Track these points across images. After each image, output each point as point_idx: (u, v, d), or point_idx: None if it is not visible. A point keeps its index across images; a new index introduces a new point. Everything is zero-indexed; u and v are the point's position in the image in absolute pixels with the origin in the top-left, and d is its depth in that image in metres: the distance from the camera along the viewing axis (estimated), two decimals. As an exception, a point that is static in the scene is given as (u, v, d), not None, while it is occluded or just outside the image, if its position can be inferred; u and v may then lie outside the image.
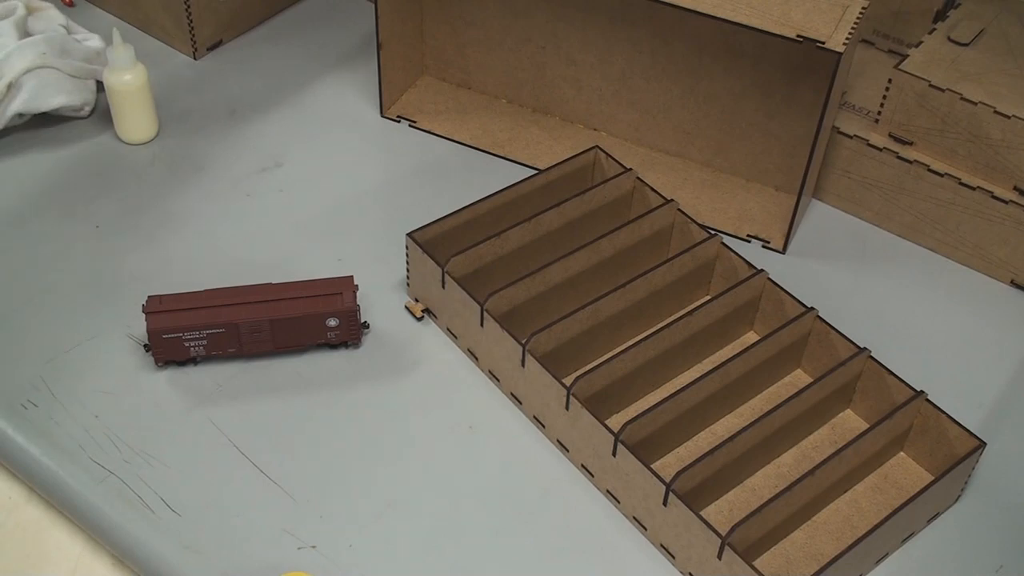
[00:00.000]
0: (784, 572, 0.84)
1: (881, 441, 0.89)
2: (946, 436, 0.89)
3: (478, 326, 0.94)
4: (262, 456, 0.89)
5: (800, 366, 0.98)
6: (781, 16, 0.98)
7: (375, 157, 1.18)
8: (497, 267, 1.00)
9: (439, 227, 0.99)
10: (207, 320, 0.92)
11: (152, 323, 0.92)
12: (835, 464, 0.84)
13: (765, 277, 0.97)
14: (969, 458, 0.86)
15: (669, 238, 1.05)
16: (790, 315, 0.96)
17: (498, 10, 1.19)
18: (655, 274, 0.96)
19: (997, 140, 1.04)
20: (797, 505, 0.84)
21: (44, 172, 1.13)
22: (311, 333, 0.95)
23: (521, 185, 1.04)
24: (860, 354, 0.91)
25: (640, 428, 0.85)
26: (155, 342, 0.92)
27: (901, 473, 0.92)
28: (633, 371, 0.91)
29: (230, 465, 0.88)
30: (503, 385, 0.95)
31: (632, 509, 0.86)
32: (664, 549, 0.84)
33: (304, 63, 1.30)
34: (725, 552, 0.78)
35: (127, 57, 1.11)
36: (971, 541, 0.88)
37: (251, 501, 0.86)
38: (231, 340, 0.93)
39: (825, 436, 0.93)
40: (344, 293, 0.95)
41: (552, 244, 1.03)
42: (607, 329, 0.96)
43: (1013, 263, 1.08)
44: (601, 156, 1.09)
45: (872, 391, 0.93)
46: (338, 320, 0.94)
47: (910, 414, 0.90)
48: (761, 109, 1.12)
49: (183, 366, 0.95)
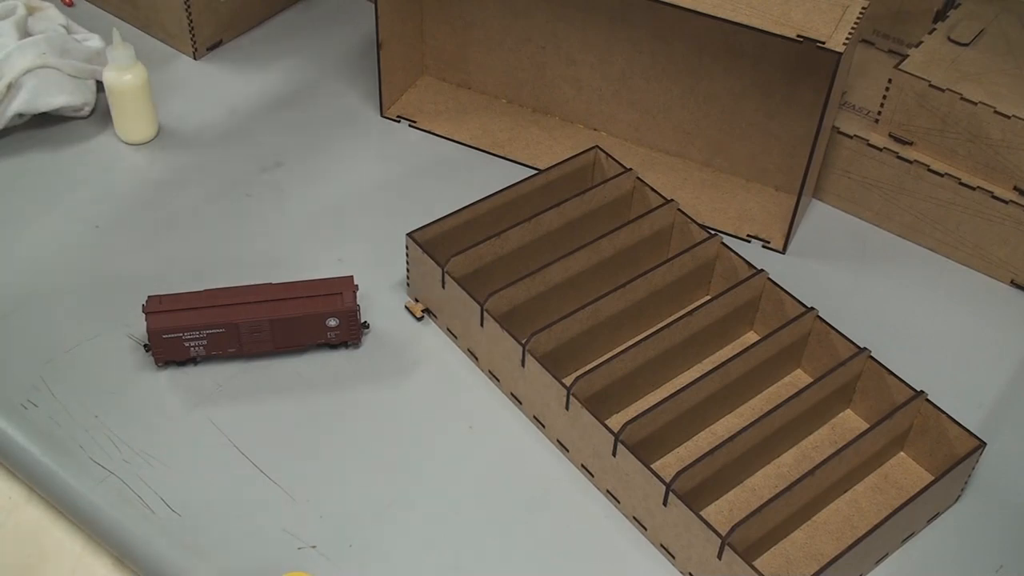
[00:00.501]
0: (784, 572, 0.84)
1: (881, 441, 0.89)
2: (946, 436, 0.89)
3: (478, 326, 0.94)
4: (262, 456, 0.89)
5: (800, 366, 0.98)
6: (781, 16, 0.98)
7: (375, 157, 1.18)
8: (497, 267, 1.00)
9: (439, 227, 0.99)
10: (207, 320, 0.92)
11: (152, 323, 0.92)
12: (835, 464, 0.84)
13: (765, 277, 0.97)
14: (969, 458, 0.86)
15: (669, 238, 1.05)
16: (790, 315, 0.96)
17: (498, 10, 1.19)
18: (655, 274, 0.96)
19: (997, 140, 1.04)
20: (797, 505, 0.84)
21: (44, 172, 1.13)
22: (311, 333, 0.95)
23: (521, 185, 1.04)
24: (860, 354, 0.91)
25: (640, 428, 0.85)
26: (155, 342, 0.92)
27: (901, 473, 0.92)
28: (633, 371, 0.91)
29: (230, 465, 0.88)
30: (503, 385, 0.95)
31: (632, 509, 0.86)
32: (664, 549, 0.84)
33: (304, 63, 1.30)
34: (725, 552, 0.78)
35: (127, 57, 1.11)
36: (971, 541, 0.88)
37: (251, 501, 0.86)
38: (231, 340, 0.93)
39: (825, 436, 0.93)
40: (344, 293, 0.95)
41: (552, 244, 1.03)
42: (607, 329, 0.96)
43: (1013, 263, 1.08)
44: (601, 156, 1.09)
45: (872, 391, 0.93)
46: (338, 320, 0.94)
47: (910, 414, 0.90)
48: (761, 109, 1.12)
49: (183, 366, 0.95)
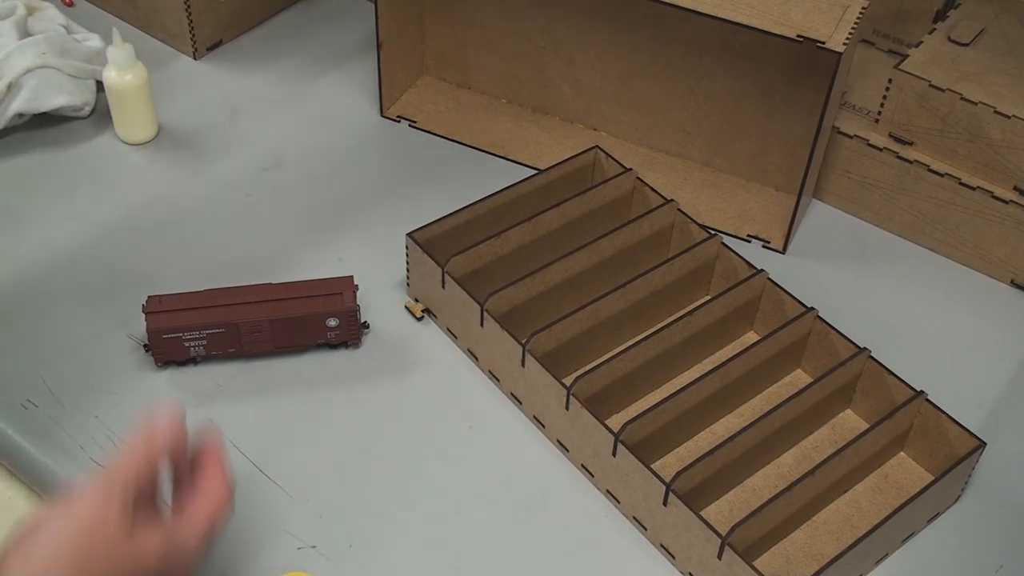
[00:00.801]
0: (784, 572, 0.84)
1: (881, 441, 0.89)
2: (946, 436, 0.89)
3: (478, 326, 0.94)
4: (262, 456, 0.89)
5: (800, 366, 0.98)
6: (781, 16, 0.98)
7: (375, 157, 1.18)
8: (497, 267, 0.99)
9: (439, 227, 0.99)
10: (207, 320, 0.92)
11: (152, 323, 0.92)
12: (835, 464, 0.84)
13: (765, 277, 0.97)
14: (969, 458, 0.86)
15: (669, 238, 1.05)
16: (790, 315, 0.96)
17: (498, 10, 1.19)
18: (655, 274, 0.96)
19: (997, 140, 1.04)
20: (797, 505, 0.84)
21: (44, 172, 1.13)
22: (311, 333, 0.95)
23: (521, 185, 1.04)
24: (860, 354, 0.91)
25: (640, 428, 0.85)
26: (155, 342, 0.92)
27: (901, 473, 0.92)
28: (633, 371, 0.91)
29: (230, 465, 0.88)
30: (503, 385, 0.95)
31: (632, 509, 0.86)
32: (664, 549, 0.84)
33: (304, 63, 1.30)
34: (725, 552, 0.78)
35: (127, 57, 1.11)
36: (971, 541, 0.88)
37: (251, 501, 0.86)
38: (231, 340, 0.93)
39: (825, 436, 0.93)
40: (344, 293, 0.95)
41: (552, 244, 1.03)
42: (607, 329, 0.96)
43: (1013, 263, 1.08)
44: (601, 156, 1.08)
45: (872, 391, 0.93)
46: (338, 320, 0.94)
47: (910, 414, 0.90)
48: (761, 109, 1.12)
49: (183, 366, 0.95)
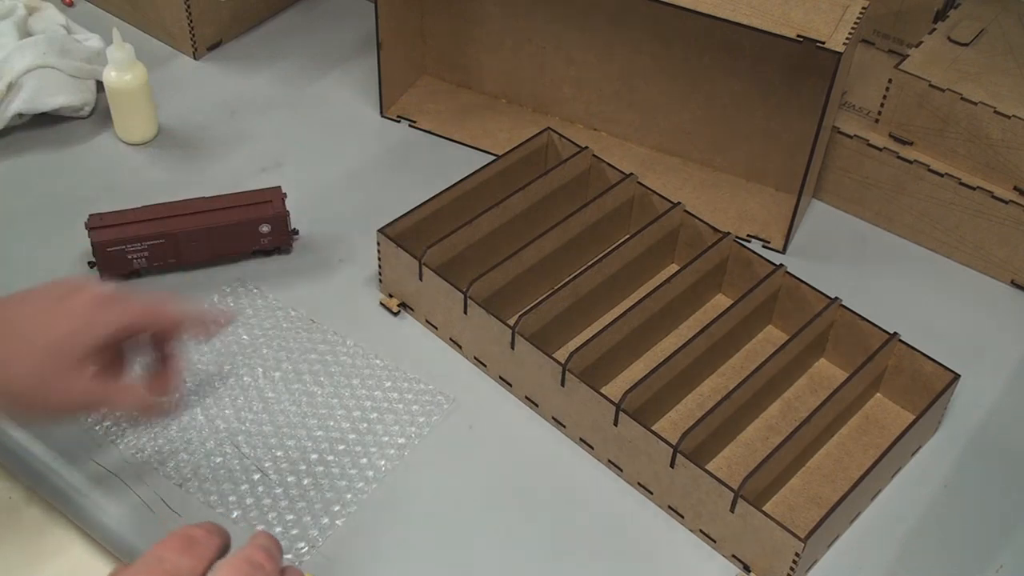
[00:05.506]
0: (788, 517, 0.86)
1: (861, 385, 0.93)
2: (921, 372, 0.93)
3: (461, 314, 0.94)
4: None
5: (771, 322, 1.02)
6: (781, 16, 0.98)
7: (375, 157, 1.18)
8: (470, 254, 1.01)
9: (406, 221, 1.00)
10: (148, 231, 0.98)
11: (96, 237, 0.97)
12: (825, 412, 0.88)
13: (731, 240, 1.00)
14: (946, 392, 0.91)
15: (630, 211, 1.08)
16: (759, 275, 0.99)
17: (498, 10, 1.19)
18: (626, 247, 1.00)
19: (997, 140, 1.04)
20: (794, 454, 0.87)
21: (44, 172, 1.13)
22: (245, 240, 1.01)
23: (480, 172, 1.05)
24: (832, 304, 0.95)
25: (638, 396, 0.87)
26: (100, 255, 0.98)
27: (881, 413, 0.96)
28: (619, 342, 0.94)
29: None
30: (490, 370, 0.96)
31: (636, 476, 0.88)
32: (672, 510, 0.86)
33: (304, 63, 1.30)
34: (739, 504, 0.80)
35: (127, 57, 1.11)
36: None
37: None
38: (171, 250, 0.99)
39: (804, 386, 0.97)
40: (274, 200, 1.02)
41: (519, 227, 1.04)
42: (586, 304, 0.98)
43: (1013, 263, 1.08)
44: (554, 137, 1.11)
45: (845, 338, 0.97)
46: (270, 226, 1.01)
47: (886, 356, 0.94)
48: (761, 109, 1.12)
49: (128, 279, 1.00)
